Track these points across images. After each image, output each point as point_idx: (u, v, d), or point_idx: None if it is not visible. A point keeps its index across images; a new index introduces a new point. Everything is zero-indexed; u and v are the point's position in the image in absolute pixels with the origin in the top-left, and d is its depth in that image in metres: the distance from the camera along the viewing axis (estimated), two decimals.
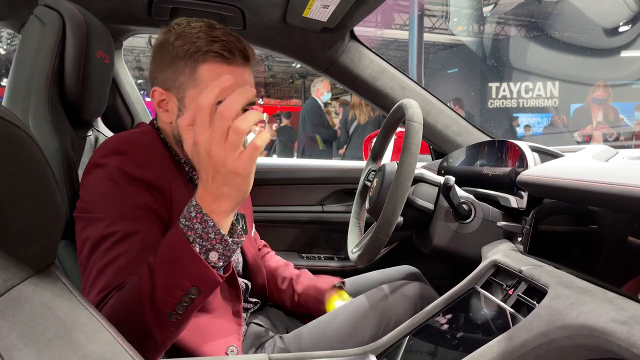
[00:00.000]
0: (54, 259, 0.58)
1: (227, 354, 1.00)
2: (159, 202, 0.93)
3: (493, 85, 10.57)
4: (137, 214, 0.89)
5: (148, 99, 1.73)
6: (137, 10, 1.45)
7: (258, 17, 1.49)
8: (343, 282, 1.32)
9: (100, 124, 1.32)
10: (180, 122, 0.99)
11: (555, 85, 10.30)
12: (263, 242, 1.45)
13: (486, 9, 9.62)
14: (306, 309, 1.29)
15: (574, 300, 0.73)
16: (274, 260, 1.40)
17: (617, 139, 6.11)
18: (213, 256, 0.76)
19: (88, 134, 1.21)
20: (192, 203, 0.76)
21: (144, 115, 1.65)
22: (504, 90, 10.57)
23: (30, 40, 1.09)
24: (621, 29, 8.70)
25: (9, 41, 10.63)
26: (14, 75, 1.09)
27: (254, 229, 1.34)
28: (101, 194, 0.91)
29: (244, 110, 0.96)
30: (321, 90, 5.54)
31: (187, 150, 0.79)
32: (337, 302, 1.24)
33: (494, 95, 10.57)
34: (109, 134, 1.33)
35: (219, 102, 0.71)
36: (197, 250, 0.74)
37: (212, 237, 0.75)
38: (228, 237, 0.76)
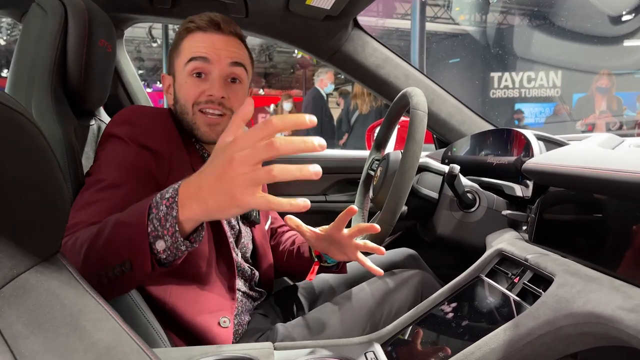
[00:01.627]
0: (59, 247, 0.58)
1: (219, 325, 1.03)
2: (159, 166, 0.98)
3: (495, 75, 10.51)
4: (132, 170, 0.94)
5: (149, 90, 1.73)
6: None
7: (260, 5, 1.48)
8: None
9: (102, 113, 1.32)
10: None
11: (558, 75, 10.25)
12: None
13: None
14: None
15: (581, 288, 0.73)
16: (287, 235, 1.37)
17: (620, 128, 6.08)
18: (160, 244, 0.73)
19: (91, 123, 1.20)
20: (175, 185, 0.73)
21: (146, 104, 1.64)
22: (506, 80, 10.51)
23: (32, 29, 1.08)
24: (624, 18, 8.64)
25: (8, 32, 10.59)
26: (16, 64, 1.08)
27: (269, 221, 1.34)
28: (107, 153, 0.98)
29: (232, 80, 1.08)
30: (325, 81, 5.50)
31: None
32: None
33: (496, 85, 10.52)
34: None
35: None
36: (149, 230, 0.72)
37: (167, 226, 0.71)
38: (180, 236, 0.72)
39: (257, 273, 1.20)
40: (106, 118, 1.32)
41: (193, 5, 1.47)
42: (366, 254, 1.51)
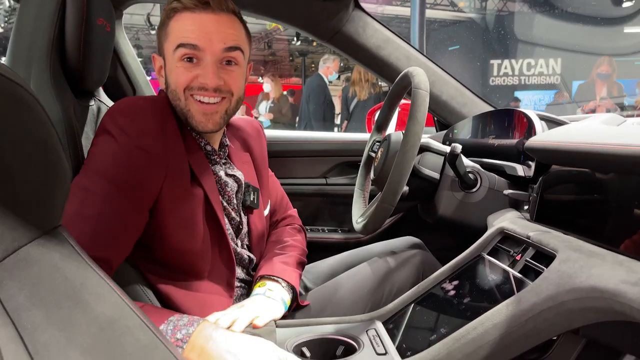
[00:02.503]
0: (60, 220, 0.57)
1: None
2: (153, 171, 0.92)
3: (495, 62, 10.46)
4: (124, 183, 0.89)
5: (148, 77, 1.72)
6: None
7: None
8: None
9: (102, 94, 1.31)
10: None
11: (558, 62, 10.20)
12: (290, 212, 1.38)
13: None
14: None
15: (584, 264, 0.72)
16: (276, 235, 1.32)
17: (622, 110, 6.02)
18: None
19: (90, 104, 1.20)
20: (190, 327, 0.79)
21: (146, 86, 1.63)
22: (505, 67, 10.47)
23: (30, 7, 1.07)
24: (625, 4, 8.59)
25: (6, 19, 10.50)
26: (14, 42, 1.07)
27: (279, 197, 1.32)
28: (101, 152, 0.92)
29: (227, 62, 1.00)
30: (331, 69, 5.44)
31: None
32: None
33: (495, 73, 10.48)
34: (111, 104, 1.31)
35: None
36: None
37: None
38: None
39: (255, 259, 1.19)
40: (106, 99, 1.31)
41: None
42: (365, 242, 1.51)
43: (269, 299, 1.03)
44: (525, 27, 10.28)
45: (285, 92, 9.26)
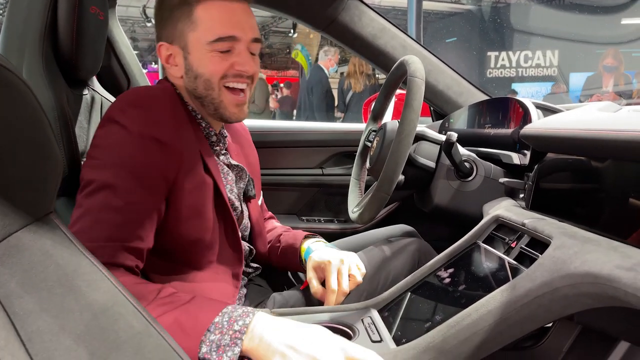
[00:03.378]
0: (52, 207, 0.57)
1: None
2: (169, 161, 0.91)
3: (492, 54, 10.45)
4: (143, 174, 0.89)
5: (144, 70, 1.71)
6: None
7: None
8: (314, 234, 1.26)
9: (96, 84, 1.30)
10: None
11: (555, 54, 10.20)
12: (269, 213, 1.41)
13: None
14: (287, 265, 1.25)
15: (578, 250, 0.72)
16: (271, 224, 1.36)
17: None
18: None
19: (84, 93, 1.19)
20: (246, 318, 0.77)
21: (140, 76, 1.62)
22: (503, 59, 10.45)
23: None
24: None
25: (1, 11, 10.43)
26: (6, 30, 1.06)
27: (261, 196, 1.31)
28: (113, 145, 0.90)
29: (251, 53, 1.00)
30: (333, 61, 5.42)
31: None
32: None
33: (492, 65, 10.47)
34: (105, 93, 1.30)
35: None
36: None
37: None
38: None
39: (254, 250, 1.19)
40: (100, 88, 1.30)
41: None
42: (361, 232, 1.52)
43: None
44: (523, 19, 10.26)
45: (282, 84, 9.23)
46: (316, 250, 1.11)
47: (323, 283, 1.06)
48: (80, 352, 0.50)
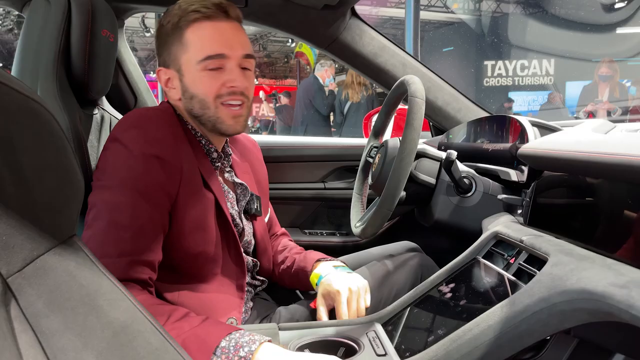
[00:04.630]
0: (75, 230, 0.60)
1: None
2: (170, 177, 0.96)
3: (489, 63, 10.52)
4: (147, 191, 0.93)
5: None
6: None
7: None
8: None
9: (105, 103, 1.34)
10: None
11: (551, 63, 10.27)
12: (282, 229, 1.42)
13: None
14: (299, 287, 1.28)
15: (574, 267, 0.76)
16: (283, 243, 1.36)
17: (625, 114, 5.99)
18: None
19: (94, 112, 1.22)
20: (252, 345, 0.81)
21: (147, 93, 1.65)
22: (499, 68, 10.53)
23: (35, 19, 1.09)
24: (617, 5, 8.66)
25: (0, 22, 10.46)
26: (21, 53, 1.10)
27: (269, 213, 1.33)
28: (116, 165, 0.95)
29: (243, 68, 1.03)
30: (329, 72, 5.48)
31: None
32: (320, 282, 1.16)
33: (489, 74, 10.54)
34: (114, 112, 1.34)
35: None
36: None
37: None
38: None
39: (258, 264, 1.22)
40: (109, 107, 1.34)
41: None
42: (363, 245, 1.55)
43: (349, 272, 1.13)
44: (519, 29, 10.34)
45: (281, 94, 9.25)
46: (327, 275, 1.12)
47: (331, 310, 1.09)
48: None
